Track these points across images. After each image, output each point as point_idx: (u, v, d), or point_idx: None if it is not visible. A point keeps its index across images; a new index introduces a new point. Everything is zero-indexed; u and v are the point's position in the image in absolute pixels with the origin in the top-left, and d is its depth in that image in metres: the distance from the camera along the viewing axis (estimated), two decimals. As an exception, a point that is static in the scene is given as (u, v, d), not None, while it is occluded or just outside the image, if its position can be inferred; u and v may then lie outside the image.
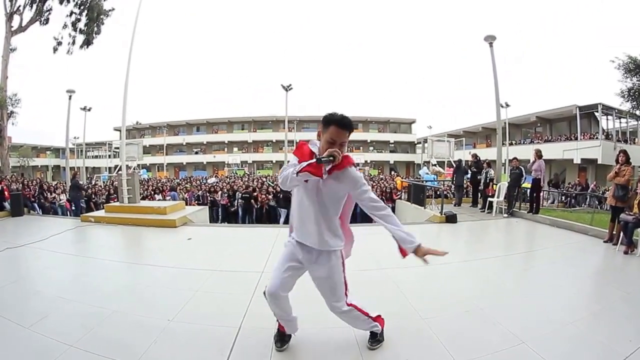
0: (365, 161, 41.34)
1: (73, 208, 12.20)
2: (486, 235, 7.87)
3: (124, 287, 4.03)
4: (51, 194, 13.30)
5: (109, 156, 32.87)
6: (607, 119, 26.59)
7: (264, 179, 22.66)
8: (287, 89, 29.14)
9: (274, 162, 45.85)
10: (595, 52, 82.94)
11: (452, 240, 7.22)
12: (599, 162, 23.76)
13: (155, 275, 4.44)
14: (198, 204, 13.07)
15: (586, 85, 73.67)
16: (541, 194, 10.06)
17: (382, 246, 3.57)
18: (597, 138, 24.94)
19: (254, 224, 12.30)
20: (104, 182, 22.13)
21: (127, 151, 21.28)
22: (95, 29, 14.14)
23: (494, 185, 10.75)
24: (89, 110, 29.94)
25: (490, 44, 13.32)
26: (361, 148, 46.64)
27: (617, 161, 6.31)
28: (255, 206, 12.99)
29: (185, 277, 4.31)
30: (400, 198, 13.17)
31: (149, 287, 4.00)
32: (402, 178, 17.22)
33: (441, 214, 8.69)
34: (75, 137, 38.32)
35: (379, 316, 2.62)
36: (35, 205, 12.35)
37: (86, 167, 40.00)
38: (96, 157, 43.89)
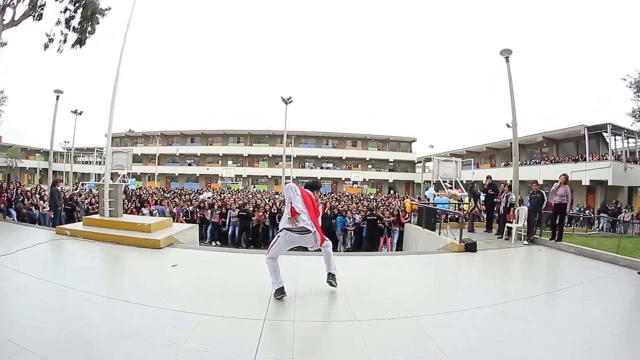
0: (364, 179, 40.68)
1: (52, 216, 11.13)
2: (512, 267, 7.30)
3: (86, 337, 3.07)
4: (28, 199, 12.10)
5: (97, 162, 31.88)
6: (615, 140, 25.83)
7: (269, 195, 21.64)
8: (287, 101, 28.24)
9: (269, 177, 45.09)
10: (602, 71, 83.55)
11: (477, 274, 6.57)
12: (610, 183, 23.13)
13: (129, 319, 3.50)
14: (186, 221, 12.02)
15: (591, 106, 73.71)
16: (564, 220, 9.34)
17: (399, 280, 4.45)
18: (606, 159, 24.18)
19: (251, 249, 11.25)
20: (89, 189, 20.85)
21: (116, 159, 20.30)
22: (89, 28, 13.12)
23: (514, 210, 9.95)
24: (80, 114, 29.01)
25: (507, 58, 12.52)
26: (359, 166, 46.07)
27: None
28: (252, 224, 12.00)
29: (165, 323, 3.33)
30: (409, 221, 12.20)
31: (119, 337, 3.04)
32: (410, 200, 16.30)
33: (460, 242, 7.78)
34: (65, 141, 37.40)
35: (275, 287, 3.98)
36: (12, 210, 11.14)
37: (75, 173, 39.22)
38: (86, 162, 43.16)
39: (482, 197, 11.56)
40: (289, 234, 3.93)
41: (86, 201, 13.12)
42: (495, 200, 10.75)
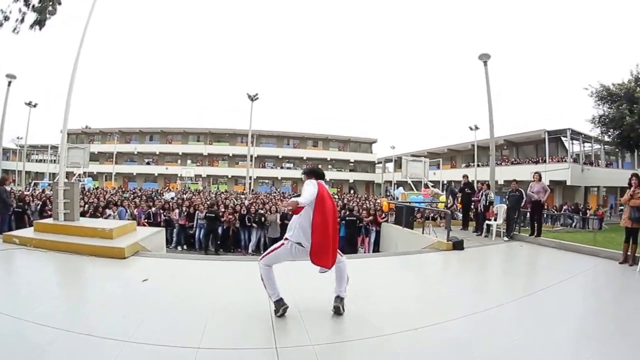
0: (325, 180, 39.77)
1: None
2: (505, 263, 7.44)
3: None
4: None
5: (52, 161, 29.66)
6: (572, 144, 28.17)
7: (235, 195, 20.72)
8: (253, 98, 27.15)
9: (229, 177, 44.17)
10: (558, 79, 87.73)
11: (474, 273, 6.48)
12: (568, 183, 24.97)
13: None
14: (149, 223, 10.94)
15: (549, 112, 77.17)
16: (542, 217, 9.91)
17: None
18: (565, 161, 26.19)
19: (222, 254, 10.64)
20: (43, 189, 19.11)
21: (71, 156, 18.49)
22: (50, 7, 11.60)
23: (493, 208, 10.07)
24: (35, 106, 26.83)
25: (485, 63, 13.09)
26: (320, 166, 45.10)
27: (629, 184, 6.33)
28: (220, 227, 11.14)
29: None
30: (386, 221, 11.89)
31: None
32: (387, 199, 16.07)
33: (447, 241, 7.69)
34: (18, 137, 34.65)
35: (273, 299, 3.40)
36: None
37: (28, 172, 36.33)
38: (40, 161, 40.11)
39: (458, 197, 11.55)
40: (296, 247, 3.29)
41: (39, 202, 11.62)
42: (473, 198, 10.70)
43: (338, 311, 3.45)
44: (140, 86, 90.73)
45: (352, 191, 41.55)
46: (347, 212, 11.55)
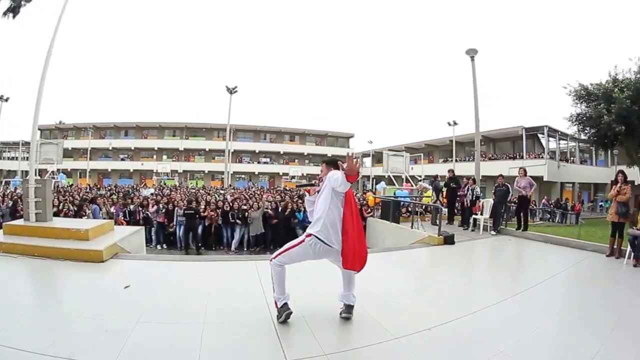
0: (302, 174, 40.20)
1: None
2: (498, 258, 7.42)
3: None
4: None
5: (24, 158, 28.31)
6: (548, 140, 28.91)
7: (214, 190, 20.08)
8: (232, 91, 26.51)
9: (205, 172, 43.26)
10: (534, 76, 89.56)
11: (471, 268, 6.53)
12: (545, 179, 25.35)
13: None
14: (126, 222, 10.47)
15: (525, 109, 78.97)
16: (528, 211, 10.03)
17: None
18: (542, 157, 26.90)
19: (205, 252, 10.27)
20: (14, 188, 18.02)
21: (44, 152, 17.52)
22: None
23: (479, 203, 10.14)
24: (6, 100, 25.39)
25: (472, 58, 13.20)
26: (297, 161, 45.77)
27: (616, 181, 6.63)
28: (201, 224, 10.66)
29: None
30: (372, 215, 11.77)
31: None
32: (373, 193, 15.93)
33: (439, 235, 7.66)
34: None
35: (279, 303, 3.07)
36: None
37: (0, 170, 35.17)
38: (13, 158, 38.05)
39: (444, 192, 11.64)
40: (319, 244, 2.93)
41: (10, 202, 11.02)
42: (459, 193, 10.73)
43: (348, 317, 3.20)
44: (115, 80, 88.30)
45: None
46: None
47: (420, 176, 24.50)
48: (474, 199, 10.11)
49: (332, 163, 3.17)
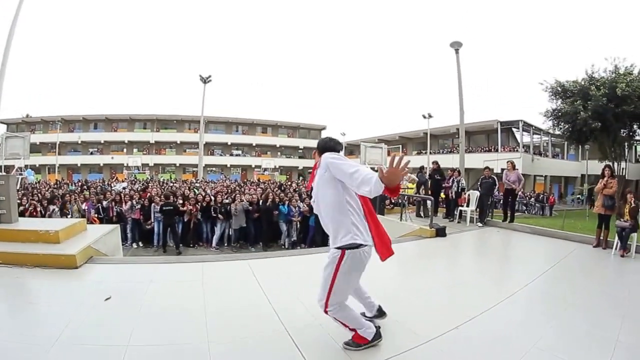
0: (275, 166, 39.52)
1: None
2: (492, 250, 7.44)
3: None
4: None
5: (-10, 154, 26.56)
6: (522, 134, 29.89)
7: (191, 184, 19.38)
8: (206, 80, 25.59)
9: (177, 165, 42.42)
10: (509, 71, 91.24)
11: (470, 260, 6.55)
12: (520, 172, 25.63)
13: None
14: (100, 220, 9.85)
15: (494, 101, 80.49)
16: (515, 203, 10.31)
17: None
18: (516, 150, 27.96)
19: (187, 248, 9.85)
20: None
21: (9, 147, 16.34)
22: None
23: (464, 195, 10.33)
24: None
25: (457, 51, 13.35)
26: (269, 153, 45.35)
27: (602, 175, 6.98)
28: (179, 220, 10.05)
29: None
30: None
31: None
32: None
33: (430, 228, 7.63)
34: None
35: (358, 334, 2.48)
36: None
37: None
38: None
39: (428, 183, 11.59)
40: (357, 253, 2.29)
41: None
42: (443, 185, 10.73)
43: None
44: (83, 71, 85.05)
45: (301, 178, 41.19)
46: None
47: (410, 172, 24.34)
48: (459, 190, 10.23)
49: (331, 147, 2.52)
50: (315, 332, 2.79)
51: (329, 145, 2.51)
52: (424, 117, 32.48)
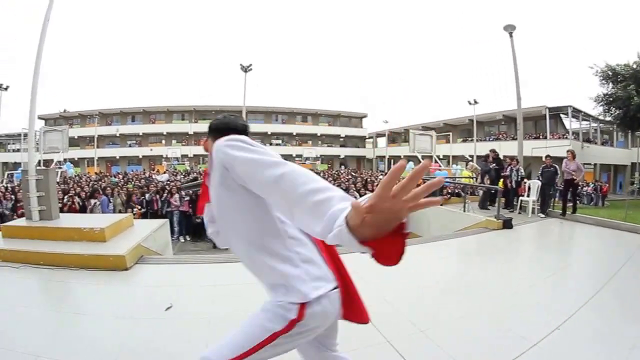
0: (316, 155, 38.88)
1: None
2: (563, 243, 6.96)
3: None
4: None
5: (26, 150, 27.47)
6: (571, 121, 28.48)
7: None
8: (247, 69, 25.01)
9: None
10: (557, 55, 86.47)
11: (547, 254, 5.90)
12: None
13: None
14: (142, 214, 9.60)
15: (549, 88, 76.58)
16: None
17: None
18: (565, 138, 26.46)
19: None
20: (19, 181, 17.09)
21: (49, 140, 16.40)
22: None
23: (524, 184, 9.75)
24: (6, 89, 24.44)
25: (510, 34, 12.72)
26: (309, 142, 44.53)
27: None
28: None
29: None
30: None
31: None
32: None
33: (497, 219, 7.24)
34: None
35: None
36: None
37: (5, 163, 34.73)
38: (18, 150, 36.77)
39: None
40: (323, 306, 1.17)
41: (13, 198, 9.99)
42: (502, 174, 10.02)
43: None
44: (119, 65, 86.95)
45: (342, 167, 40.26)
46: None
47: (471, 156, 23.54)
48: (519, 179, 9.56)
49: (223, 129, 1.38)
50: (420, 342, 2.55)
51: (231, 124, 1.41)
52: (469, 103, 30.81)
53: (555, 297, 3.64)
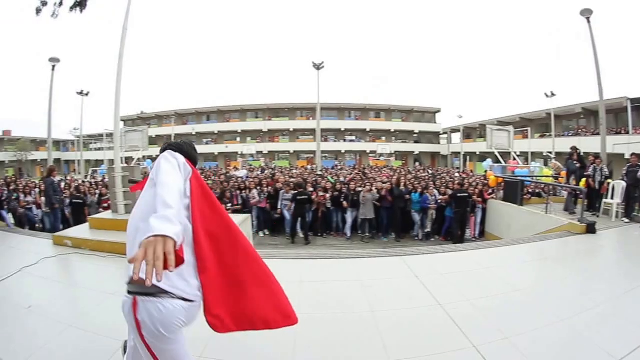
0: (390, 151, 37.96)
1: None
2: None
3: None
4: (26, 196, 9.90)
5: (109, 148, 30.38)
6: None
7: (324, 172, 19.66)
8: (319, 67, 24.85)
9: (291, 152, 43.37)
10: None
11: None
12: None
13: None
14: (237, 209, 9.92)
15: (625, 76, 69.90)
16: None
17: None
18: None
19: (315, 238, 9.87)
20: (103, 176, 18.59)
21: (129, 139, 17.86)
22: None
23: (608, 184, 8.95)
24: (87, 95, 27.34)
25: (588, 19, 12.33)
26: (384, 138, 43.90)
27: None
28: (309, 209, 9.85)
29: None
30: (494, 197, 10.80)
31: None
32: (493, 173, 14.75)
33: (580, 222, 6.89)
34: (75, 129, 35.89)
35: None
36: (4, 213, 8.87)
37: (88, 161, 37.59)
38: (99, 149, 40.88)
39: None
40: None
41: (97, 192, 10.64)
42: (584, 174, 9.36)
43: None
44: (194, 66, 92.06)
45: (417, 163, 39.53)
46: (458, 188, 9.92)
47: (550, 153, 22.44)
48: (602, 180, 8.91)
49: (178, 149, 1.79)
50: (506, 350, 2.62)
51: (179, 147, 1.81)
52: (547, 95, 28.61)
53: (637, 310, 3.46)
